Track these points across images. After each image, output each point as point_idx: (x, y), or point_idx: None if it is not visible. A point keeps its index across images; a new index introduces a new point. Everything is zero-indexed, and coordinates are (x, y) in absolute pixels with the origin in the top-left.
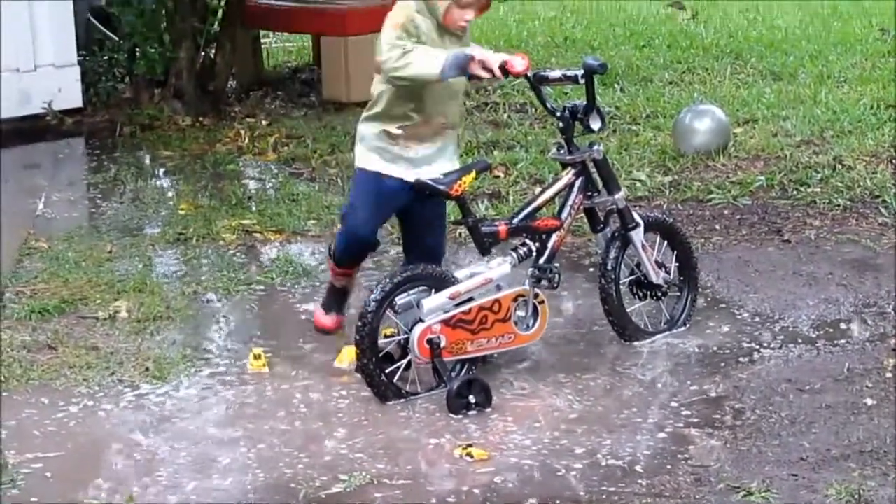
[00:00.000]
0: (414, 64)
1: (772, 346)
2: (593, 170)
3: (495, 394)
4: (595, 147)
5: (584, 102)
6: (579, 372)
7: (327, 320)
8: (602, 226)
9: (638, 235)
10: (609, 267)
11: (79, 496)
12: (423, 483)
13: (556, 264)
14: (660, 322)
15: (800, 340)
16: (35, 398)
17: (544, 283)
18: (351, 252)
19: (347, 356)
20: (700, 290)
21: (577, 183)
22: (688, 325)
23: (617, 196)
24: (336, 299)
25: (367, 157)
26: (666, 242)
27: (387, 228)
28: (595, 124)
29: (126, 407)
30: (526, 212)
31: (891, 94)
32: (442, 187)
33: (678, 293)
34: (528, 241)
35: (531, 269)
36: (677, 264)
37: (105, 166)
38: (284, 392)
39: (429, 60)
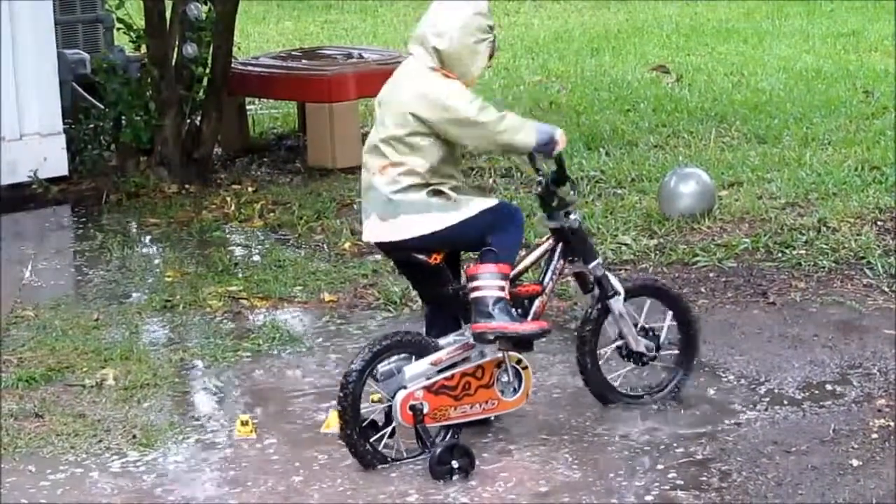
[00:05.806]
0: (510, 131)
1: (758, 408)
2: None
3: (479, 458)
4: (571, 216)
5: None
6: (565, 435)
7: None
8: (592, 286)
9: (617, 304)
10: (585, 337)
11: None
12: None
13: None
14: (646, 386)
15: (785, 402)
16: (22, 466)
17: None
18: None
19: (335, 421)
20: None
21: (558, 248)
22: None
23: (592, 265)
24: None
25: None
26: (677, 323)
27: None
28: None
29: (113, 474)
30: None
31: (875, 155)
32: (422, 256)
33: (674, 369)
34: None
35: None
36: (680, 337)
37: (91, 234)
38: (272, 458)
39: (526, 131)
